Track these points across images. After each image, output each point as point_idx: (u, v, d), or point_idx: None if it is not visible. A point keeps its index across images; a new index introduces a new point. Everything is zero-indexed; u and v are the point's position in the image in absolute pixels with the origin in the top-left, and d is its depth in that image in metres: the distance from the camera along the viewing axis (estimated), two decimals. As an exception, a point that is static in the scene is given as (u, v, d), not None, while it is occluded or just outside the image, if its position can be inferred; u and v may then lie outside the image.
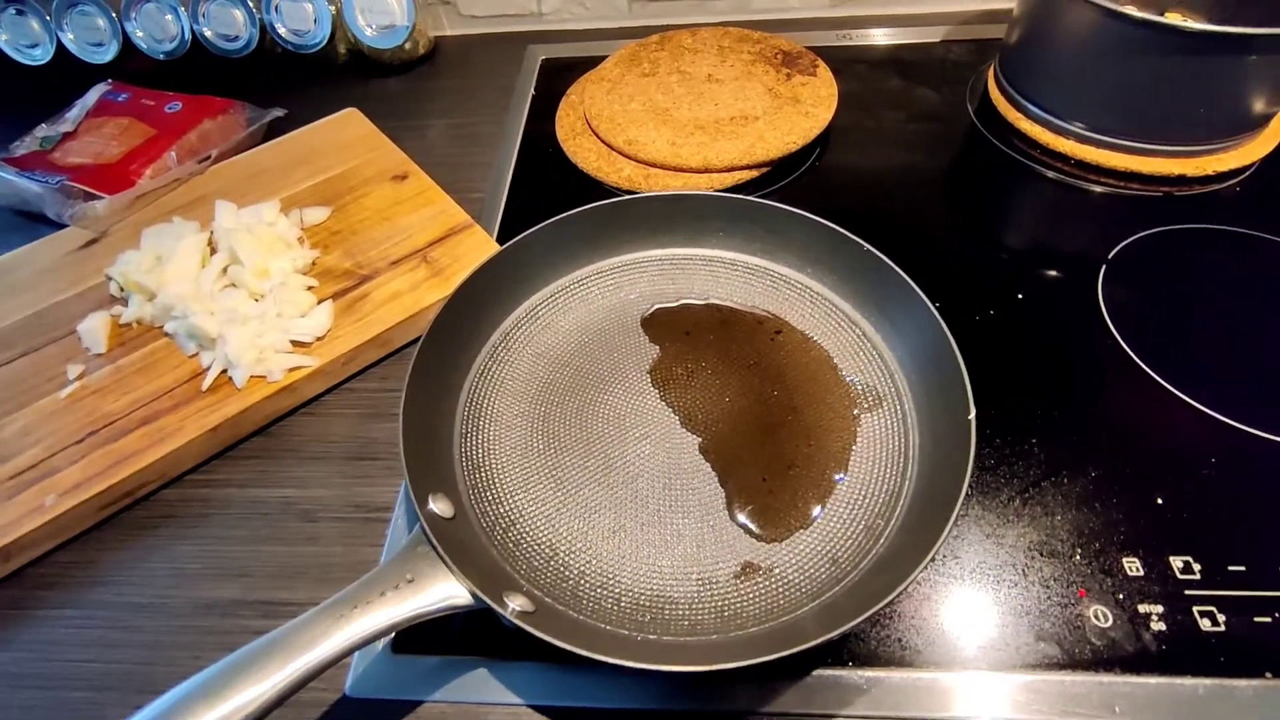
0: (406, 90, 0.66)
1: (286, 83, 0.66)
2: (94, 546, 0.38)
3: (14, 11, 0.63)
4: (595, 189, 0.54)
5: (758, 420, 0.39)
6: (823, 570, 0.33)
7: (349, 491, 0.39)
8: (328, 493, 0.39)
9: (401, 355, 0.45)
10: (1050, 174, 0.52)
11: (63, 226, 0.53)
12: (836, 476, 0.36)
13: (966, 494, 0.29)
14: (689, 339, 0.42)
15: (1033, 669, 0.30)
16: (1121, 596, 0.32)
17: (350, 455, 0.40)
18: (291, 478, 0.39)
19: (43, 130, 0.60)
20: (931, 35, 0.65)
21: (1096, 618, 0.31)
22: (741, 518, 0.35)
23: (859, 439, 0.37)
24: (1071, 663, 0.30)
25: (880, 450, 0.37)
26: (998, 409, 0.38)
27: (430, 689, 0.32)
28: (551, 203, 0.53)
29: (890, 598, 0.27)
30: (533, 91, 0.63)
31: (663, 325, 0.43)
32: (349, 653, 0.26)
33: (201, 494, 0.39)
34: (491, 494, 0.36)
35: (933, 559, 0.28)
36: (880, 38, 0.66)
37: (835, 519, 0.34)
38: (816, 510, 0.35)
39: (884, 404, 0.38)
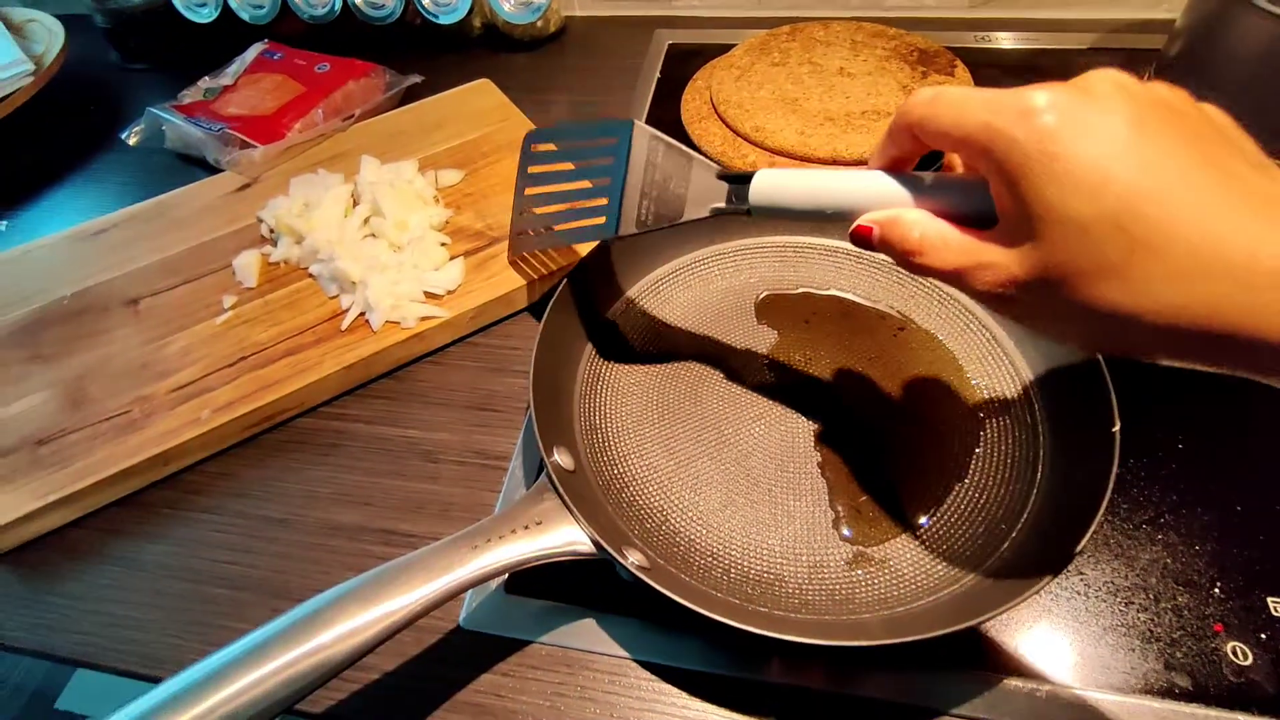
0: (535, 66, 0.68)
1: (422, 51, 0.69)
2: (236, 462, 0.41)
3: (189, -28, 0.69)
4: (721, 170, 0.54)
5: (876, 414, 0.38)
6: (939, 568, 0.32)
7: (469, 438, 0.40)
8: (449, 437, 0.40)
9: (522, 316, 0.46)
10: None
11: (219, 171, 0.58)
12: (956, 477, 0.35)
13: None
14: (808, 327, 0.42)
15: (1161, 697, 0.29)
16: (1265, 636, 0.30)
17: (471, 404, 0.42)
18: (416, 419, 0.42)
19: (206, 82, 0.65)
20: (1077, 42, 0.62)
21: (1235, 654, 0.30)
22: (855, 508, 0.35)
23: (982, 442, 0.36)
24: (1205, 696, 0.29)
25: (1005, 456, 0.36)
26: (1135, 426, 0.37)
27: (538, 631, 0.33)
28: (674, 183, 0.54)
29: (1015, 602, 0.27)
30: (658, 75, 0.64)
31: (782, 311, 0.43)
32: (483, 580, 0.28)
33: (333, 425, 0.42)
34: (607, 456, 0.37)
35: (1065, 570, 0.27)
36: (1018, 42, 0.63)
37: (954, 519, 0.34)
38: (933, 508, 0.34)
39: (1011, 410, 0.37)
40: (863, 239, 0.26)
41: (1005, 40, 0.63)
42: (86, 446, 0.39)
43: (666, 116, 0.59)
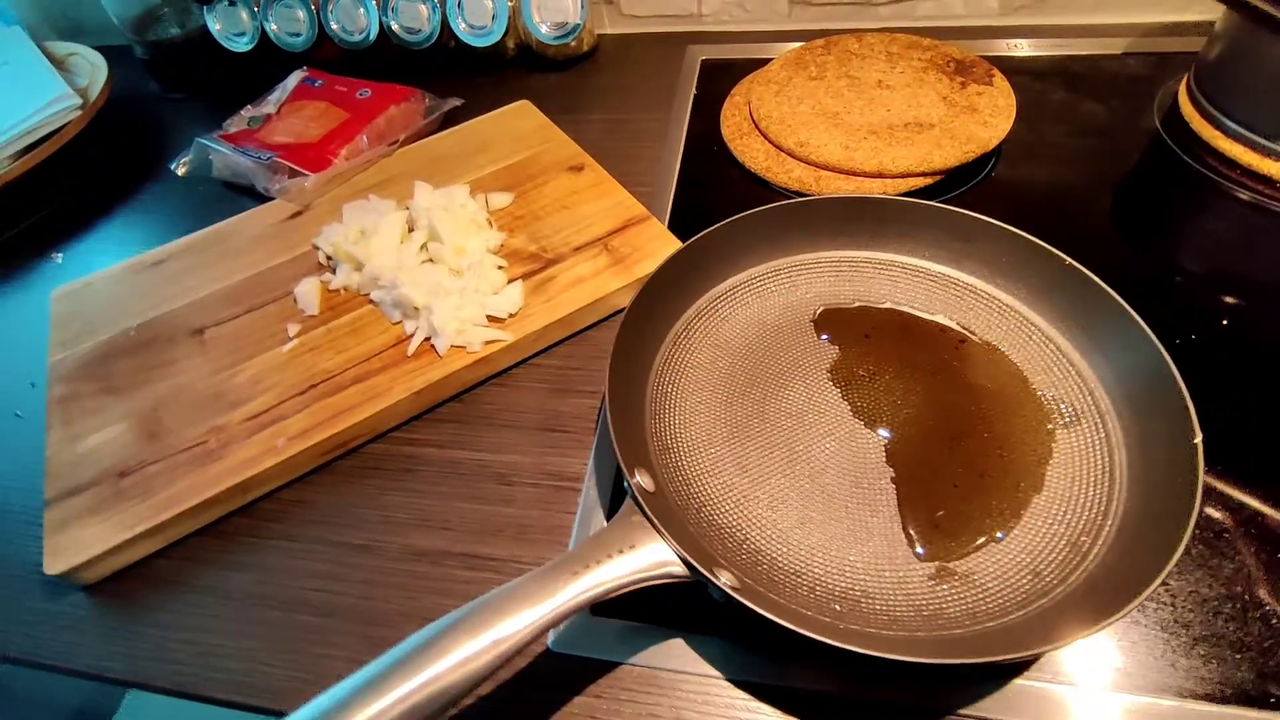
0: (570, 85, 0.69)
1: (458, 74, 0.70)
2: (312, 489, 0.41)
3: (227, 3, 0.70)
4: (763, 188, 0.55)
5: (944, 427, 0.39)
6: (1025, 581, 0.32)
7: (541, 460, 0.41)
8: (521, 459, 0.41)
9: (582, 337, 0.47)
10: (1244, 195, 0.50)
11: (267, 199, 0.59)
12: (1031, 490, 0.36)
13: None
14: (869, 341, 0.43)
15: (1260, 708, 0.29)
16: (1354, 642, 0.30)
17: (539, 426, 0.43)
18: (486, 442, 0.42)
19: (249, 111, 0.66)
20: (1109, 47, 0.63)
21: (1325, 661, 0.30)
22: (933, 522, 0.35)
23: (1055, 455, 0.37)
24: (1300, 704, 0.29)
25: (1080, 468, 0.36)
26: (1212, 436, 0.37)
27: (626, 652, 0.33)
28: (720, 199, 0.55)
29: (1109, 621, 0.27)
30: (694, 91, 0.65)
31: (841, 326, 0.44)
32: (585, 605, 0.28)
33: (405, 450, 0.42)
34: (681, 476, 0.38)
35: (1162, 581, 0.28)
36: (1050, 48, 0.64)
37: (1034, 533, 0.34)
38: (1011, 521, 0.35)
39: (1082, 421, 0.37)
40: None
41: (1037, 47, 0.64)
42: (167, 478, 0.40)
43: (706, 132, 0.60)
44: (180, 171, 0.62)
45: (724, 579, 0.31)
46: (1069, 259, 0.39)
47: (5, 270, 0.58)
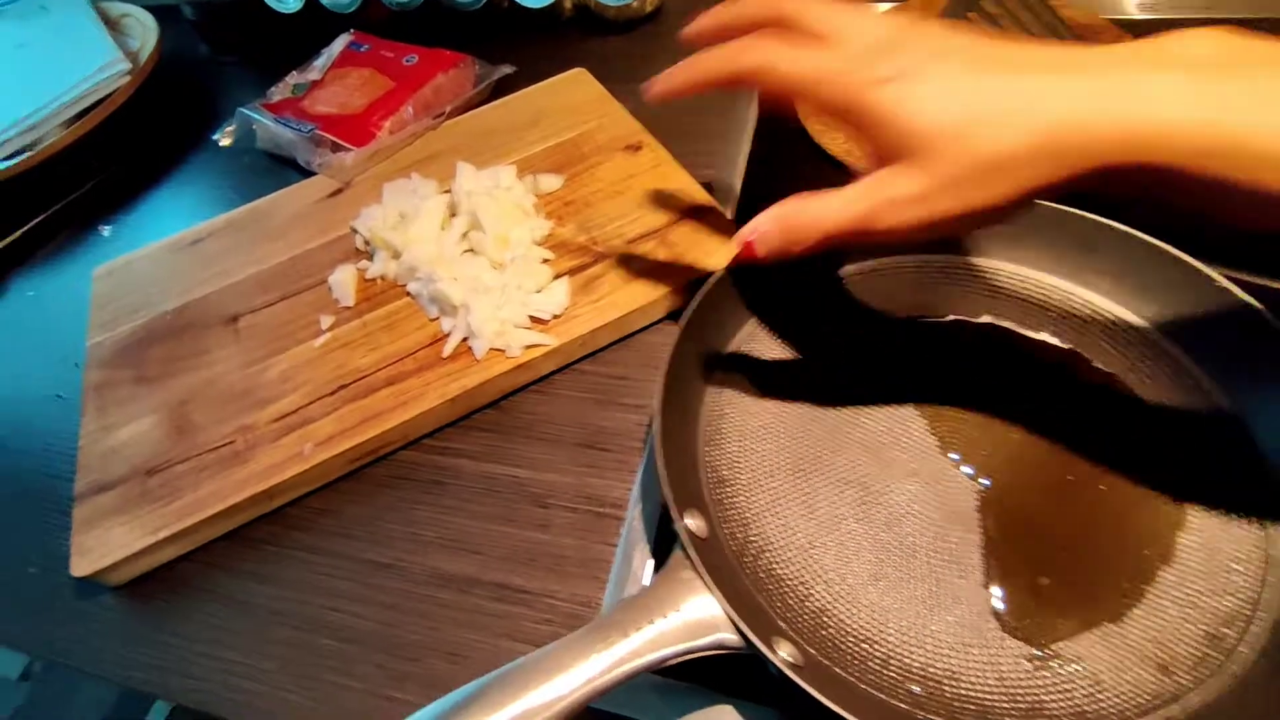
0: (630, 50, 0.63)
1: (510, 37, 0.65)
2: (339, 497, 0.39)
3: (275, -40, 0.66)
4: (846, 176, 0.48)
5: (1052, 475, 0.33)
6: (1148, 679, 0.27)
7: (580, 481, 0.37)
8: (558, 479, 0.38)
9: (630, 340, 0.43)
10: None
11: (308, 173, 0.56)
12: (1158, 561, 0.30)
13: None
14: (961, 363, 0.37)
15: None
16: None
17: (580, 442, 0.39)
18: (522, 457, 0.39)
19: (294, 78, 0.63)
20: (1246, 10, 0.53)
21: None
22: (1034, 590, 0.30)
23: (1190, 519, 0.31)
24: None
25: (1223, 539, 0.30)
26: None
27: (671, 714, 0.30)
28: (796, 189, 0.48)
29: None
30: (768, 59, 0.58)
31: (929, 343, 0.38)
32: (622, 683, 0.25)
33: (436, 460, 0.39)
34: (737, 515, 0.33)
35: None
36: (1182, 11, 0.54)
37: (1160, 616, 0.28)
38: (1134, 598, 0.29)
39: (1229, 481, 0.31)
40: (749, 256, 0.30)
41: (1166, 10, 0.54)
42: (193, 479, 0.38)
43: (781, 112, 0.53)
44: (224, 143, 0.59)
45: (784, 652, 0.27)
46: (1218, 277, 0.32)
47: (54, 244, 0.57)
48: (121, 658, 0.35)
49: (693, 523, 0.30)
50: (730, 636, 0.26)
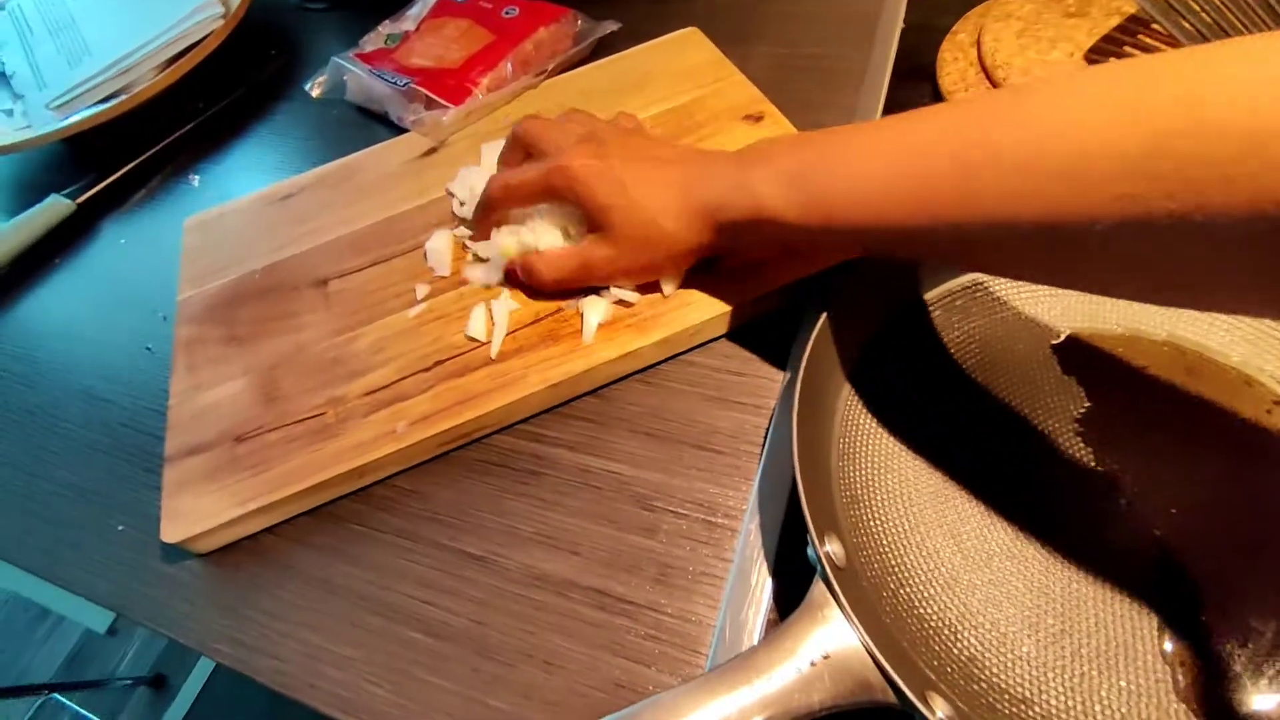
0: (748, 9, 0.58)
1: (614, -9, 0.61)
2: (429, 479, 0.37)
3: (371, -100, 0.63)
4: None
5: (1246, 525, 0.28)
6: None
7: (688, 483, 0.34)
8: (664, 479, 0.35)
9: (744, 334, 0.39)
10: None
11: (395, 129, 0.53)
12: (1391, 643, 0.25)
13: None
14: (1136, 387, 0.32)
15: None
16: None
17: (689, 440, 0.36)
18: (623, 451, 0.36)
19: (387, 27, 0.60)
20: None
21: None
22: (1224, 661, 0.26)
23: None
24: None
25: None
26: None
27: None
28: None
29: None
30: (901, 24, 0.52)
31: (1096, 361, 0.33)
32: (763, 738, 0.22)
33: (532, 448, 0.37)
34: (873, 539, 0.30)
35: None
36: None
37: (1397, 711, 0.24)
38: (1359, 687, 0.25)
39: None
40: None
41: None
42: (283, 450, 0.36)
43: (918, 79, 0.48)
44: (315, 93, 0.57)
45: (941, 712, 0.24)
46: None
47: (145, 191, 0.56)
48: (207, 629, 0.34)
49: (832, 547, 0.27)
50: (883, 694, 0.23)
